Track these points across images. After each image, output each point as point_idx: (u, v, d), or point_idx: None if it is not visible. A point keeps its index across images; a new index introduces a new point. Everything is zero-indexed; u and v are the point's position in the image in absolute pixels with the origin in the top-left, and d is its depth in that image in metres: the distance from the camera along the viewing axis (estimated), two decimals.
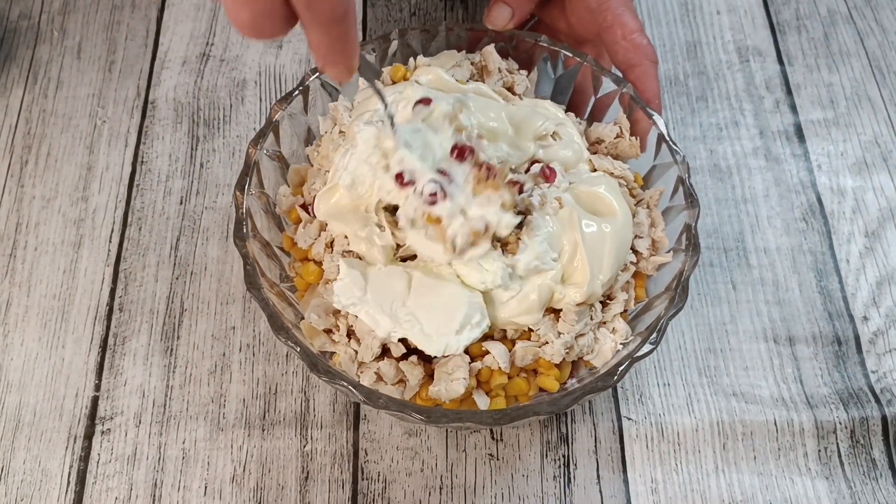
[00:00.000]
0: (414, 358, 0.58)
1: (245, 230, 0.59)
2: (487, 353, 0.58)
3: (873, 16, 0.86)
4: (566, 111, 0.66)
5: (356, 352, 0.58)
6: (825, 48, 0.84)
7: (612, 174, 0.63)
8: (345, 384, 0.53)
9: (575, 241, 0.57)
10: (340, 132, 0.65)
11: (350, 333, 0.59)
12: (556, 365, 0.58)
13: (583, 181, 0.61)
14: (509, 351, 0.58)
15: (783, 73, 0.82)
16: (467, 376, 0.56)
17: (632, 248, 0.62)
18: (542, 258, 0.56)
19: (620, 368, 0.55)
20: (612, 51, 0.67)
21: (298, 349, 0.55)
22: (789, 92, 0.81)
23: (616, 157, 0.66)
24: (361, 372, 0.58)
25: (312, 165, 0.66)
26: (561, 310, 0.58)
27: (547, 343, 0.58)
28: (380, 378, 0.58)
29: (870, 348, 0.68)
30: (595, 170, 0.63)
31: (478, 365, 0.58)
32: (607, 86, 0.67)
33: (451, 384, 0.56)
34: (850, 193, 0.76)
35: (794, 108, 0.80)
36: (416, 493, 0.62)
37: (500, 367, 0.57)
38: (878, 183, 0.76)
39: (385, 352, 0.58)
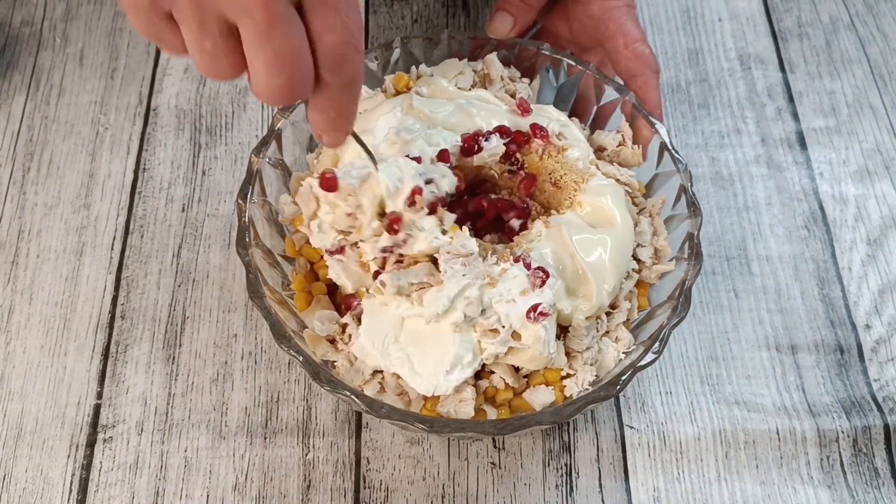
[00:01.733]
0: None
1: (248, 239, 0.59)
2: (493, 372, 0.58)
3: (875, 23, 0.86)
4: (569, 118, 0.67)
5: (352, 363, 0.58)
6: (827, 56, 0.84)
7: (618, 180, 0.63)
8: (347, 393, 0.53)
9: (571, 254, 0.57)
10: None
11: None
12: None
13: (589, 190, 0.61)
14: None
15: (785, 80, 0.82)
16: (475, 396, 0.57)
17: (634, 257, 0.62)
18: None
19: (623, 378, 0.55)
20: (614, 60, 0.67)
21: (301, 358, 0.55)
22: (791, 99, 0.81)
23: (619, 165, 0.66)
24: (365, 382, 0.58)
25: (314, 174, 0.66)
26: (568, 327, 0.58)
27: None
28: (382, 388, 0.58)
29: (872, 357, 0.68)
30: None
31: (484, 383, 0.58)
32: (609, 94, 0.67)
33: (459, 405, 0.56)
34: (853, 201, 0.76)
35: (795, 116, 0.80)
36: (418, 502, 0.62)
37: (506, 385, 0.58)
38: (880, 191, 0.76)
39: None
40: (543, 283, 0.55)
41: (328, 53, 0.43)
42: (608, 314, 0.61)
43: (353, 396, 0.53)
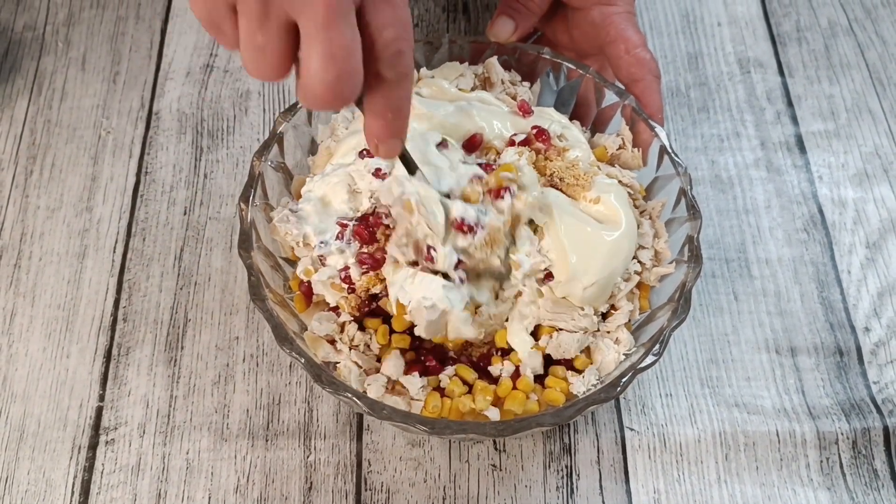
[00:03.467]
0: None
1: (250, 242, 0.59)
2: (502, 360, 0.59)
3: (873, 28, 0.87)
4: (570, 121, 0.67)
5: (358, 364, 0.58)
6: (826, 60, 0.85)
7: (620, 182, 0.64)
8: (348, 395, 0.54)
9: (555, 233, 0.59)
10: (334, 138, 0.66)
11: (353, 346, 0.59)
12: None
13: (595, 186, 0.61)
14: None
15: (784, 84, 0.83)
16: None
17: (636, 259, 0.62)
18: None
19: (623, 380, 0.55)
20: (615, 65, 0.67)
21: (302, 360, 0.55)
22: (790, 103, 0.82)
23: None
24: (368, 385, 0.58)
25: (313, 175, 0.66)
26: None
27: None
28: (392, 389, 0.58)
29: (871, 359, 0.68)
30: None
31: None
32: (610, 98, 0.67)
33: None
34: (851, 204, 0.76)
35: (794, 120, 0.81)
36: None
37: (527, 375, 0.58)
38: (878, 194, 0.77)
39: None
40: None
41: (386, 47, 0.44)
42: (608, 315, 0.61)
43: (354, 398, 0.54)
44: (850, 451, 0.64)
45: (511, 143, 0.63)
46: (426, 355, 0.60)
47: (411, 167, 0.54)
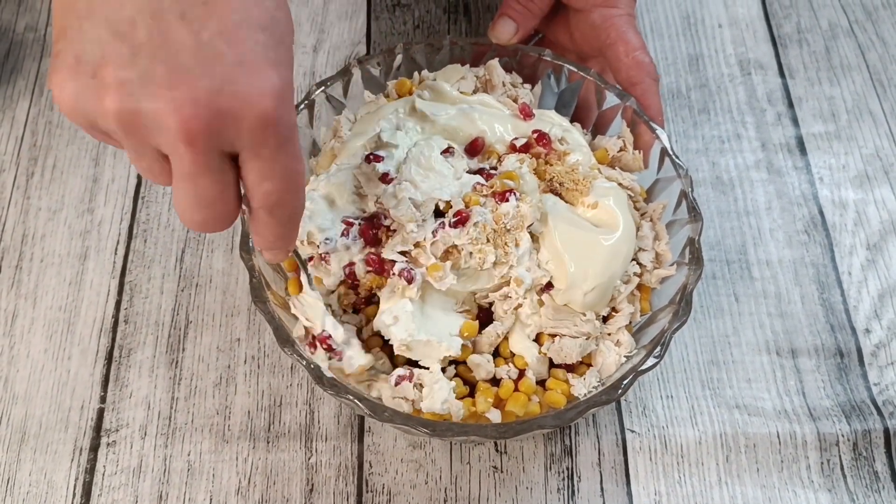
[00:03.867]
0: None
1: (251, 243, 0.59)
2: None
3: (874, 29, 0.87)
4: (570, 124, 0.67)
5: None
6: (826, 61, 0.85)
7: (620, 184, 0.64)
8: (350, 397, 0.54)
9: (551, 241, 0.59)
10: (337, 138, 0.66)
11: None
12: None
13: (594, 191, 0.61)
14: None
15: (785, 86, 0.83)
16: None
17: (636, 261, 0.62)
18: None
19: (625, 382, 0.55)
20: (614, 68, 0.67)
21: (304, 362, 0.55)
22: (791, 105, 0.82)
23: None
24: (369, 385, 0.58)
25: (315, 175, 0.66)
26: None
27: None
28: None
29: (872, 361, 0.69)
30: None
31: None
32: (611, 100, 0.67)
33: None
34: (852, 206, 0.76)
35: (795, 121, 0.81)
36: None
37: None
38: (879, 196, 0.77)
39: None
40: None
41: (263, 199, 0.43)
42: (609, 317, 0.61)
43: (355, 400, 0.54)
44: (851, 452, 0.64)
45: (512, 147, 0.63)
46: None
47: (302, 264, 0.58)
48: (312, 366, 0.55)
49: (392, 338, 0.57)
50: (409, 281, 0.57)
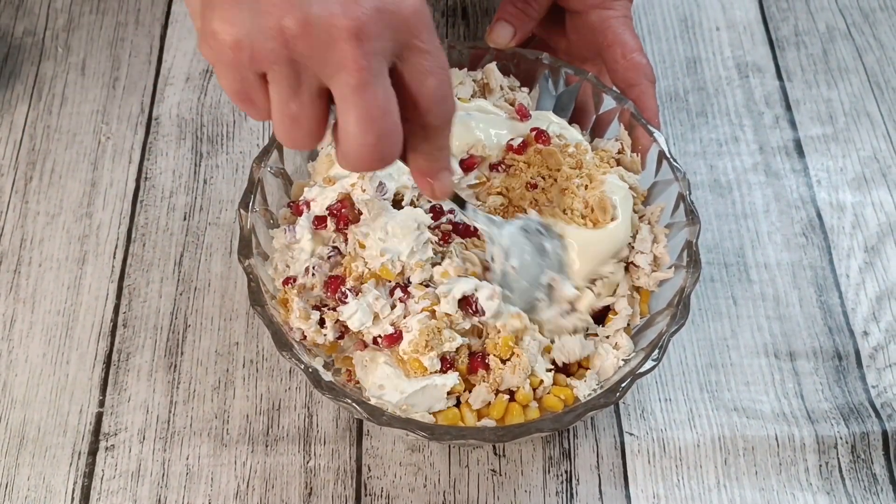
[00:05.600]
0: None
1: (249, 248, 0.59)
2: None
3: (871, 32, 0.87)
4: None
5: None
6: (824, 64, 0.85)
7: (624, 180, 0.64)
8: (348, 401, 0.54)
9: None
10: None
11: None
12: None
13: (604, 182, 0.62)
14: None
15: (782, 88, 0.83)
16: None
17: (633, 264, 0.62)
18: None
19: (623, 385, 0.55)
20: (611, 69, 0.68)
21: (302, 366, 0.55)
22: (788, 108, 0.82)
23: None
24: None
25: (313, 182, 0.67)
26: None
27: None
28: None
29: (870, 363, 0.69)
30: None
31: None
32: (608, 103, 0.67)
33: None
34: (850, 209, 0.76)
35: (793, 124, 0.81)
36: None
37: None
38: (877, 198, 0.77)
39: None
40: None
41: (430, 95, 0.44)
42: (608, 319, 0.61)
43: (354, 404, 0.54)
44: (850, 455, 0.64)
45: (509, 148, 0.63)
46: None
47: (461, 201, 0.56)
48: (311, 369, 0.55)
49: (388, 407, 0.56)
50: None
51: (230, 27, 0.41)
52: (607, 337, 0.61)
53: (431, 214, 0.60)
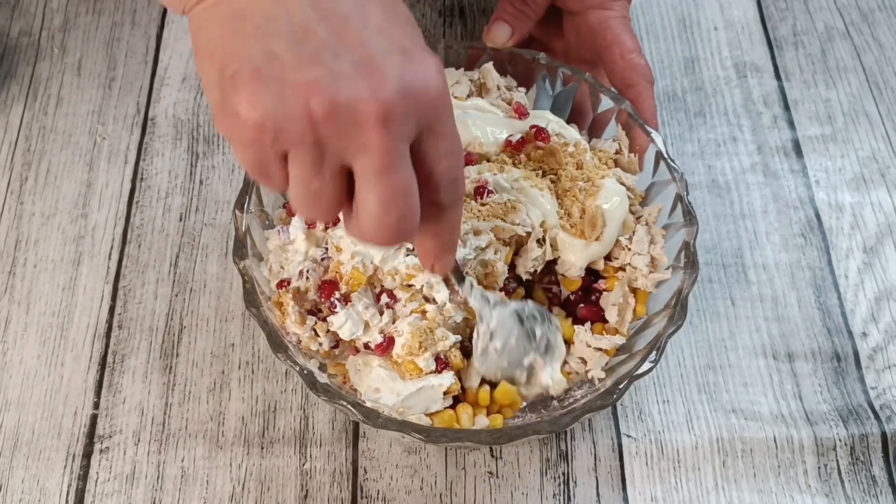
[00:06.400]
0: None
1: (244, 249, 0.59)
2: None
3: (870, 32, 0.87)
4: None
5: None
6: (822, 64, 0.84)
7: (622, 183, 0.64)
8: (344, 403, 0.54)
9: None
10: None
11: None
12: None
13: (602, 191, 0.62)
14: None
15: (781, 88, 0.83)
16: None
17: (630, 265, 0.62)
18: None
19: (620, 386, 0.55)
20: (609, 70, 0.67)
21: (297, 368, 0.55)
22: (787, 108, 0.82)
23: None
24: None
25: None
26: None
27: None
28: None
29: (869, 364, 0.68)
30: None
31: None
32: (606, 103, 0.67)
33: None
34: (849, 209, 0.76)
35: (791, 124, 0.80)
36: None
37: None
38: (875, 198, 0.76)
39: None
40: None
41: (444, 176, 0.44)
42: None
43: (349, 406, 0.53)
44: (849, 457, 0.64)
45: (508, 144, 0.63)
46: None
47: (460, 275, 0.55)
48: (306, 371, 0.55)
49: (384, 410, 0.56)
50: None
51: (254, 110, 0.40)
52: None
53: None
